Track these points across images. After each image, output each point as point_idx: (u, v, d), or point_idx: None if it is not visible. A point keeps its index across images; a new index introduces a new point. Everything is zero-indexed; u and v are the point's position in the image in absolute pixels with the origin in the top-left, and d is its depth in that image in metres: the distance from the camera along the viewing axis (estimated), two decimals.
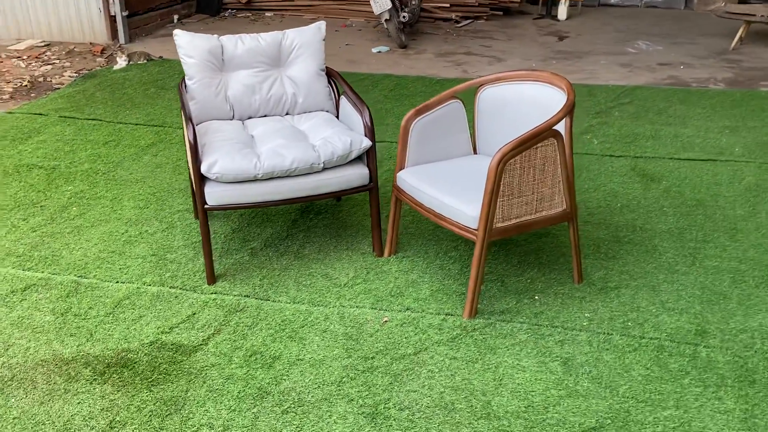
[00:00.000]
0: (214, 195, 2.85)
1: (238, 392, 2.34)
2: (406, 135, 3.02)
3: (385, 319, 2.74)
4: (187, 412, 2.25)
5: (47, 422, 2.22)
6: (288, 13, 9.17)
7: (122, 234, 3.37)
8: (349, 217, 3.53)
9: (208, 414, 2.25)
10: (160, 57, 6.76)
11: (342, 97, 3.38)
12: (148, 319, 2.74)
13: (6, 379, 2.40)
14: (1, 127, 4.73)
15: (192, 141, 2.80)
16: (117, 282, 2.98)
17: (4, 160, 4.20)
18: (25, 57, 6.71)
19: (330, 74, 3.45)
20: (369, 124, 3.05)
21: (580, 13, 9.00)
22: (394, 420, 2.22)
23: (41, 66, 6.43)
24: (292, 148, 2.92)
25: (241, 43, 3.32)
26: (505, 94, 3.08)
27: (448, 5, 8.66)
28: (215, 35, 3.35)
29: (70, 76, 6.10)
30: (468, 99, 3.23)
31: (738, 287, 2.96)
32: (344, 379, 2.40)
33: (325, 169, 2.97)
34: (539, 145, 2.63)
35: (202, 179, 2.84)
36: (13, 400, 2.31)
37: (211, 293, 2.91)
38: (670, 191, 3.86)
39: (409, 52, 7.22)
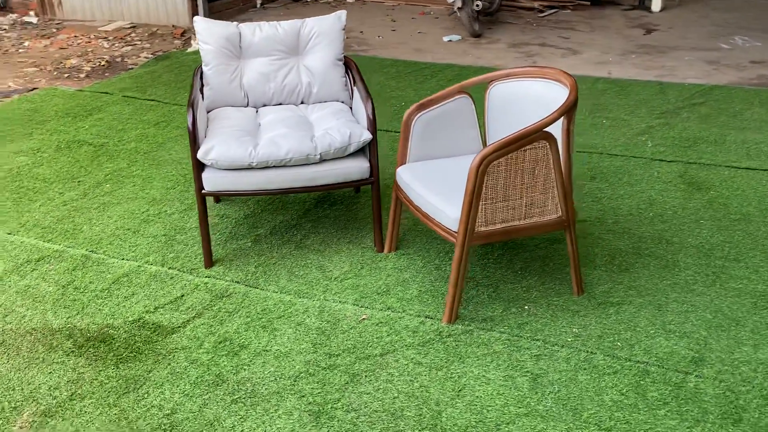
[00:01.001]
0: (210, 181, 2.90)
1: (197, 377, 2.38)
2: (408, 130, 2.95)
3: (363, 317, 2.70)
4: (144, 392, 2.32)
5: (17, 388, 2.35)
6: None
7: (143, 212, 3.50)
8: (363, 210, 3.49)
9: (162, 396, 2.30)
10: None
11: (353, 88, 3.34)
12: (139, 297, 2.83)
13: None
14: (68, 104, 5.03)
15: (190, 127, 2.86)
16: (122, 259, 3.10)
17: (61, 135, 4.47)
18: (111, 38, 7.09)
19: (348, 64, 3.41)
20: (371, 116, 2.99)
21: (678, 5, 8.44)
22: (338, 421, 2.19)
23: (123, 47, 6.77)
24: (290, 138, 2.92)
25: (259, 31, 3.35)
26: (515, 91, 2.93)
27: None
28: (234, 22, 3.39)
29: (145, 57, 6.38)
30: (480, 95, 3.11)
31: (758, 314, 2.69)
32: (302, 375, 2.39)
33: (323, 160, 2.95)
34: (528, 147, 2.49)
35: (199, 165, 2.90)
36: None
37: (205, 277, 2.97)
38: (715, 202, 3.56)
39: (481, 42, 7.04)
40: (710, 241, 3.21)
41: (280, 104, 3.36)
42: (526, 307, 2.75)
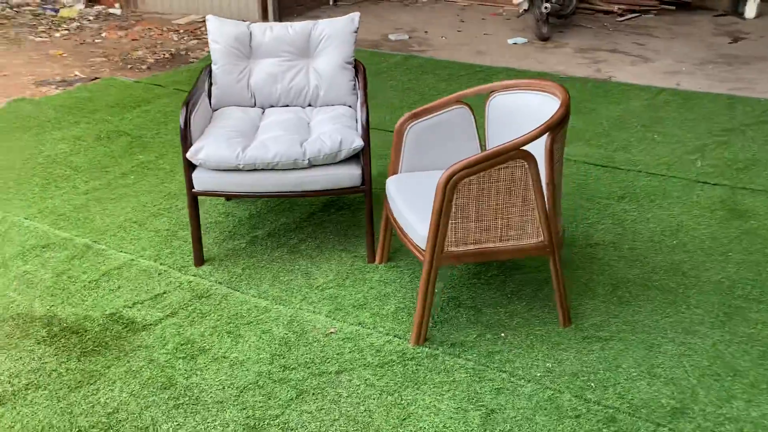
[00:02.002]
0: (200, 180, 2.90)
1: (148, 378, 2.38)
2: (400, 139, 2.83)
3: (332, 330, 2.62)
4: (95, 388, 2.34)
5: None
6: None
7: (154, 206, 3.56)
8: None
9: (110, 393, 2.32)
10: None
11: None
12: (123, 291, 2.88)
13: None
14: (121, 95, 5.21)
15: (182, 125, 2.86)
16: (120, 251, 3.16)
17: (104, 125, 4.63)
18: (181, 31, 7.31)
19: (357, 68, 3.33)
20: (365, 124, 2.90)
21: None
22: None
23: (190, 40, 6.97)
24: (280, 142, 2.87)
25: (269, 31, 3.32)
26: (515, 103, 2.76)
27: None
28: (247, 22, 3.38)
29: (207, 51, 6.54)
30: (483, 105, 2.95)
31: (762, 365, 2.41)
32: (250, 386, 2.34)
33: (314, 166, 2.89)
34: (503, 166, 2.33)
35: (191, 164, 2.90)
36: None
37: (192, 275, 2.98)
38: (752, 234, 3.24)
39: (548, 46, 6.76)
40: (733, 277, 2.92)
41: (287, 106, 3.33)
42: (503, 334, 2.58)
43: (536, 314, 2.69)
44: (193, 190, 2.93)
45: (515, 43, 6.92)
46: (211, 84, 3.29)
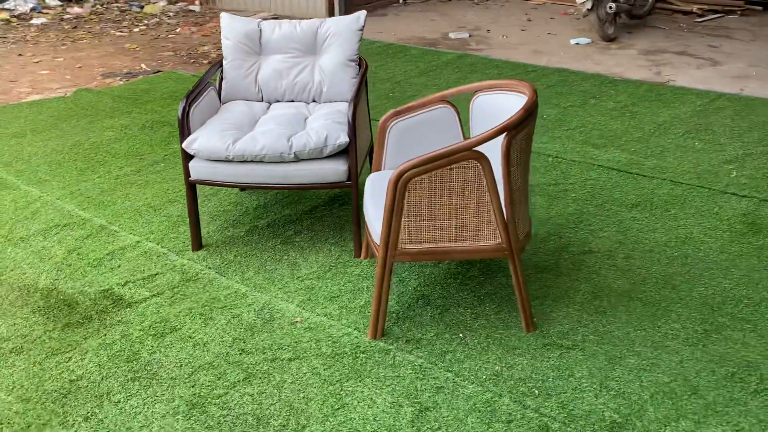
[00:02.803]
0: (195, 169, 3.05)
1: (115, 352, 2.55)
2: (383, 137, 2.87)
3: (298, 319, 2.70)
4: (68, 356, 2.53)
5: None
6: None
7: (174, 193, 3.76)
8: None
9: (80, 363, 2.50)
10: None
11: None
12: (121, 270, 3.07)
13: None
14: (176, 87, 5.50)
15: (180, 117, 3.02)
16: (130, 233, 3.37)
17: (151, 115, 4.91)
18: None
19: (361, 65, 3.38)
20: (351, 121, 2.95)
21: None
22: (208, 417, 2.23)
23: None
24: (269, 136, 2.98)
25: (278, 29, 3.43)
26: (497, 103, 2.73)
27: None
28: (257, 19, 3.50)
29: None
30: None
31: (727, 387, 2.28)
32: (205, 366, 2.46)
33: (300, 160, 2.98)
34: (455, 166, 2.32)
35: (188, 154, 3.06)
36: None
37: (187, 259, 3.14)
38: (765, 248, 3.05)
39: (611, 47, 6.55)
40: (727, 293, 2.77)
41: (292, 101, 3.43)
42: (461, 335, 2.57)
43: (503, 318, 2.66)
44: (189, 179, 3.09)
45: (577, 44, 6.73)
46: (222, 78, 3.45)
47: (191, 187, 3.12)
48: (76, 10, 8.24)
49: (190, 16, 8.15)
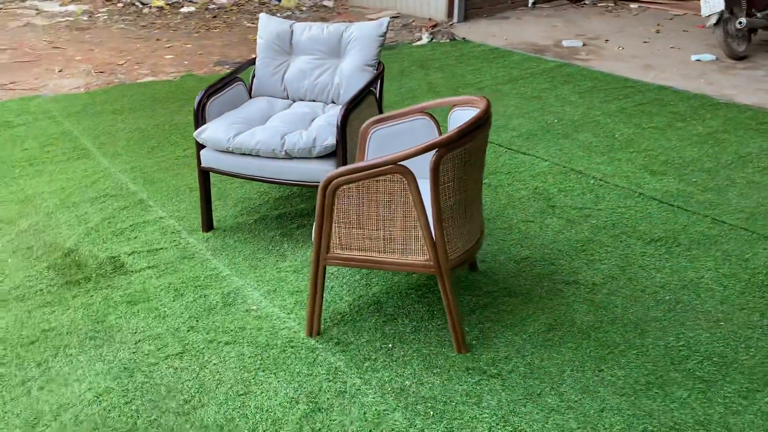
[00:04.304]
0: (206, 158, 3.30)
1: (90, 312, 2.84)
2: (365, 142, 2.93)
3: (253, 307, 2.84)
4: (53, 310, 2.87)
5: None
6: (655, 6, 8.33)
7: (213, 177, 4.05)
8: None
9: (59, 317, 2.82)
10: (463, 38, 7.09)
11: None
12: (136, 240, 3.40)
13: (20, 245, 3.35)
14: None
15: (195, 107, 3.28)
16: (160, 209, 3.70)
17: None
18: None
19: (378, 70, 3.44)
20: (339, 124, 3.03)
21: None
22: (131, 381, 2.44)
23: None
24: (267, 132, 3.14)
25: (307, 30, 3.57)
26: (470, 118, 2.68)
27: None
28: (290, 21, 3.66)
29: None
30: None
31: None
32: (153, 336, 2.68)
33: (292, 158, 3.11)
34: (381, 178, 2.33)
35: (199, 143, 3.31)
36: (3, 259, 3.25)
37: (193, 238, 3.40)
38: (756, 283, 2.73)
39: (737, 66, 6.00)
40: (699, 348, 2.54)
41: (313, 101, 3.57)
42: (391, 345, 2.58)
43: (442, 335, 2.63)
44: (201, 166, 3.34)
45: (698, 60, 6.23)
46: (254, 75, 3.67)
47: (202, 173, 3.37)
48: (221, 0, 8.95)
49: (322, 12, 8.54)
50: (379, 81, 3.46)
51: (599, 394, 2.33)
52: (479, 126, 2.37)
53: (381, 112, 3.54)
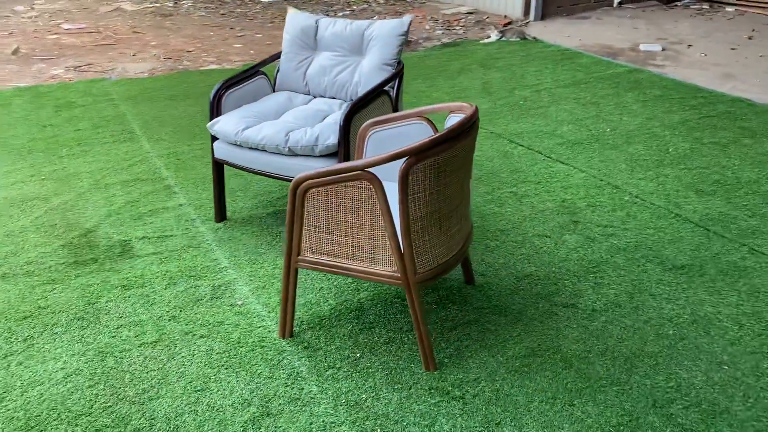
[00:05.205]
0: (218, 150, 3.32)
1: (86, 293, 2.92)
2: (363, 143, 2.85)
3: (239, 302, 2.84)
4: (52, 287, 2.97)
5: (9, 245, 3.24)
6: (754, 10, 7.72)
7: None
8: None
9: (58, 295, 2.91)
10: (534, 37, 6.83)
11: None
12: (151, 226, 3.47)
13: (45, 222, 3.49)
14: None
15: (210, 99, 3.30)
16: (183, 196, 3.76)
17: None
18: (440, 20, 7.67)
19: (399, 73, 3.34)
20: (341, 124, 2.97)
21: None
22: (102, 364, 2.48)
23: (438, 30, 7.29)
24: (274, 127, 3.12)
25: (331, 27, 3.52)
26: None
27: None
28: (317, 16, 3.62)
29: (440, 42, 6.80)
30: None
31: None
32: (134, 323, 2.72)
33: (295, 154, 3.08)
34: (349, 184, 2.25)
35: (213, 135, 3.34)
36: (26, 233, 3.40)
37: (204, 228, 3.44)
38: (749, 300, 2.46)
39: None
40: (689, 391, 2.32)
41: (333, 98, 3.52)
42: (359, 355, 2.50)
43: (415, 350, 2.53)
44: (214, 157, 3.37)
45: None
46: (278, 69, 3.66)
47: (216, 164, 3.40)
48: None
49: (398, 5, 8.48)
50: (396, 80, 3.37)
51: (562, 431, 2.17)
52: (455, 137, 2.25)
53: (396, 112, 3.44)
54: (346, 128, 2.99)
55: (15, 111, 5.07)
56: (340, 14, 7.96)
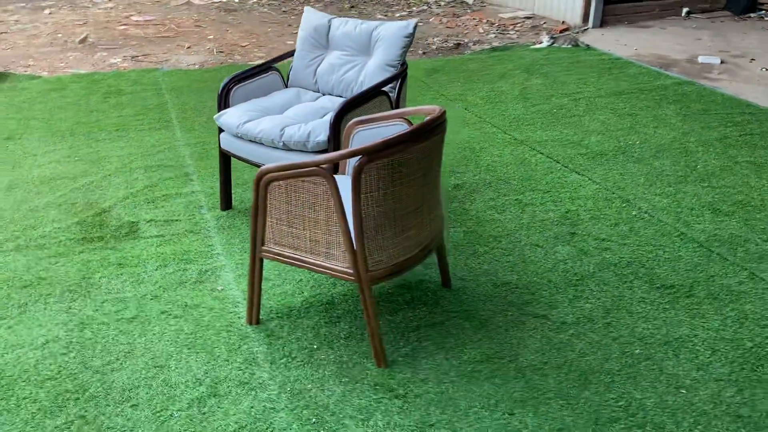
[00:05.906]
0: (223, 140, 3.45)
1: (83, 268, 3.10)
2: (348, 142, 2.90)
3: (220, 288, 2.95)
4: (56, 261, 3.16)
5: (29, 219, 3.47)
6: None
7: None
8: None
9: (56, 267, 3.11)
10: (587, 45, 6.68)
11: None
12: (161, 210, 3.64)
13: (68, 200, 3.71)
14: None
15: (219, 93, 3.43)
16: (198, 183, 3.92)
17: None
18: (496, 24, 7.61)
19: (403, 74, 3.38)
20: (332, 122, 3.03)
21: None
22: (80, 335, 2.64)
23: (491, 33, 7.24)
24: (272, 122, 3.21)
25: (342, 26, 3.58)
26: None
27: None
28: (330, 15, 3.68)
29: (490, 46, 6.75)
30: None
31: None
32: (119, 299, 2.87)
33: (290, 149, 3.16)
34: (305, 179, 2.30)
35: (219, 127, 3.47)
36: (48, 209, 3.63)
37: (209, 216, 3.58)
38: (756, 355, 2.35)
39: None
40: (647, 421, 2.24)
41: (340, 96, 3.59)
42: (316, 347, 2.55)
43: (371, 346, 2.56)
44: (221, 148, 3.51)
45: None
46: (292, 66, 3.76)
47: (222, 154, 3.54)
48: None
49: (459, 8, 8.46)
50: (399, 81, 3.40)
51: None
52: (408, 140, 2.27)
53: None
54: (337, 126, 3.05)
55: (68, 96, 5.41)
56: (397, 15, 8.03)
